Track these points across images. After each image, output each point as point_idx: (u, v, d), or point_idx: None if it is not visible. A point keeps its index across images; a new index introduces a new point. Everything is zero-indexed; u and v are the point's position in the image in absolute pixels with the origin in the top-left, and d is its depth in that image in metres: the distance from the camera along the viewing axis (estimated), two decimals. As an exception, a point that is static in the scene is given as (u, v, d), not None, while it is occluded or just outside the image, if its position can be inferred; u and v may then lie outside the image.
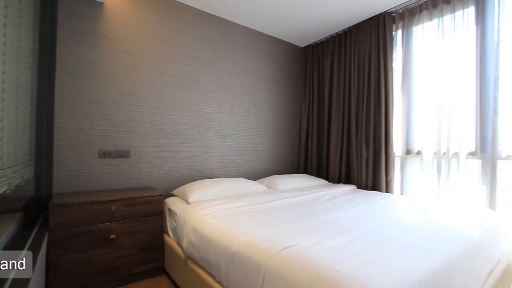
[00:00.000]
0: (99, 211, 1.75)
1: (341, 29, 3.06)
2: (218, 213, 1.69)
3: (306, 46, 3.58)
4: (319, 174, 3.32)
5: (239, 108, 2.95)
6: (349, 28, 2.98)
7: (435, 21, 2.35)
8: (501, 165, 2.03)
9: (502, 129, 2.00)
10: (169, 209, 2.06)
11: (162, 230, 2.04)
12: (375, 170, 2.70)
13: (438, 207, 1.91)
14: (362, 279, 0.85)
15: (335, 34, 3.17)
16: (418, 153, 2.46)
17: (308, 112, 3.47)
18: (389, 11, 2.62)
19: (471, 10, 2.17)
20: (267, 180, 2.71)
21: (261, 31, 3.14)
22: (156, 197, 2.00)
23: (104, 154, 2.11)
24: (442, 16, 2.30)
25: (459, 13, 2.21)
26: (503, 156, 2.00)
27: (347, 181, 3.00)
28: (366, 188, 2.76)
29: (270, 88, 3.24)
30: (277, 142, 3.32)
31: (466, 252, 1.22)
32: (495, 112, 2.01)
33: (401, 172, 2.59)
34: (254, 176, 3.04)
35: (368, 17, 2.77)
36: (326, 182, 2.98)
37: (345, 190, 2.59)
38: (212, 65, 2.73)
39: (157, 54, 2.38)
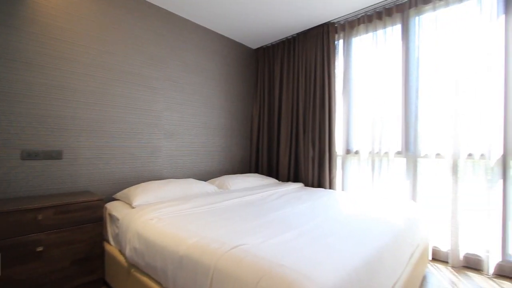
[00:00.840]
0: (22, 221, 1.52)
1: (290, 34, 3.21)
2: (166, 216, 1.62)
3: (257, 48, 3.65)
4: (269, 173, 3.43)
5: (190, 107, 2.87)
6: (298, 34, 3.14)
7: (370, 34, 2.63)
8: (420, 163, 2.37)
9: (422, 132, 2.34)
10: (110, 215, 1.89)
11: (102, 238, 1.86)
12: (320, 169, 2.90)
13: (372, 200, 2.14)
14: (305, 272, 0.91)
15: (284, 39, 3.30)
16: (356, 152, 2.73)
17: (259, 113, 3.55)
18: (332, 21, 2.84)
19: (398, 28, 2.49)
20: (218, 180, 2.69)
21: (212, 29, 3.09)
22: (94, 202, 1.82)
23: (29, 155, 1.83)
24: (376, 30, 2.58)
25: (389, 29, 2.52)
26: (422, 155, 2.35)
27: (296, 179, 3.15)
28: (312, 186, 2.94)
29: (221, 87, 3.23)
30: (228, 142, 3.32)
31: (393, 239, 1.39)
32: (416, 117, 2.35)
33: (342, 170, 2.84)
34: (205, 176, 3.00)
35: (314, 25, 2.96)
36: (276, 180, 3.09)
37: (293, 188, 2.73)
38: (160, 60, 2.60)
39: (96, 45, 2.16)
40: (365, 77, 2.67)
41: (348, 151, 2.80)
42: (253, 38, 3.33)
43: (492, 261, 2.02)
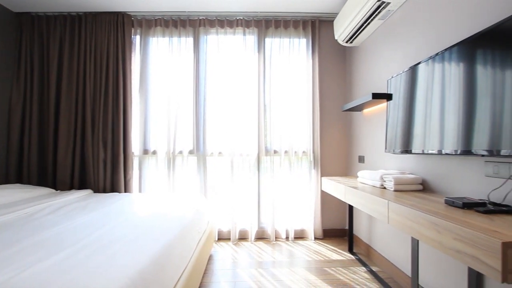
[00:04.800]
0: None
1: (74, 10, 2.65)
2: None
3: (21, 13, 2.69)
4: (41, 182, 2.64)
5: None
6: (85, 13, 2.66)
7: (166, 39, 2.74)
8: (209, 160, 2.79)
9: (209, 134, 2.76)
10: None
11: None
12: (114, 171, 2.63)
13: (167, 198, 2.23)
14: (78, 294, 0.78)
15: (66, 13, 2.67)
16: (154, 152, 2.74)
17: (24, 102, 2.63)
18: (128, 13, 2.67)
19: (191, 40, 2.77)
20: None
21: None
22: None
23: None
24: (172, 36, 2.72)
25: (184, 39, 2.74)
26: (209, 153, 2.77)
27: (82, 186, 2.65)
28: (104, 191, 2.61)
29: None
30: (-40, 141, 2.18)
31: (181, 230, 1.53)
32: (204, 121, 2.74)
33: (139, 170, 2.73)
34: None
35: (107, 10, 2.64)
36: (52, 190, 2.44)
37: (78, 196, 2.27)
38: None
39: None
40: (162, 79, 2.74)
41: (145, 151, 2.74)
42: (12, -3, 2.42)
43: (253, 230, 2.77)
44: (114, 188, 2.63)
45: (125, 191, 2.63)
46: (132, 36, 2.73)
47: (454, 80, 1.26)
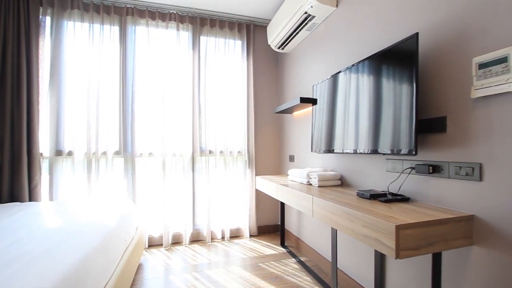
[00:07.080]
0: None
1: (-45, -24, 2.10)
2: None
3: None
4: None
5: None
6: (-29, -18, 2.14)
7: (86, 24, 2.41)
8: (138, 161, 2.57)
9: (138, 133, 2.55)
10: None
11: None
12: (14, 176, 2.18)
13: (85, 205, 1.96)
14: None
15: None
16: (70, 153, 2.38)
17: None
18: (36, -10, 2.26)
19: (117, 29, 2.51)
20: None
21: None
22: None
23: None
24: (93, 23, 2.41)
25: (107, 27, 2.46)
26: (138, 154, 2.56)
27: (-34, 197, 2.12)
28: (1, 201, 2.14)
29: None
30: None
31: (103, 241, 1.37)
32: (133, 120, 2.52)
33: (50, 175, 2.34)
34: None
35: (5, -18, 2.18)
36: None
37: (-41, 210, 1.81)
38: None
39: None
40: (80, 70, 2.40)
41: (58, 152, 2.36)
42: None
43: (188, 233, 2.67)
44: (14, 197, 2.19)
45: (30, 200, 2.22)
46: (40, 17, 2.31)
47: (365, 89, 1.46)
